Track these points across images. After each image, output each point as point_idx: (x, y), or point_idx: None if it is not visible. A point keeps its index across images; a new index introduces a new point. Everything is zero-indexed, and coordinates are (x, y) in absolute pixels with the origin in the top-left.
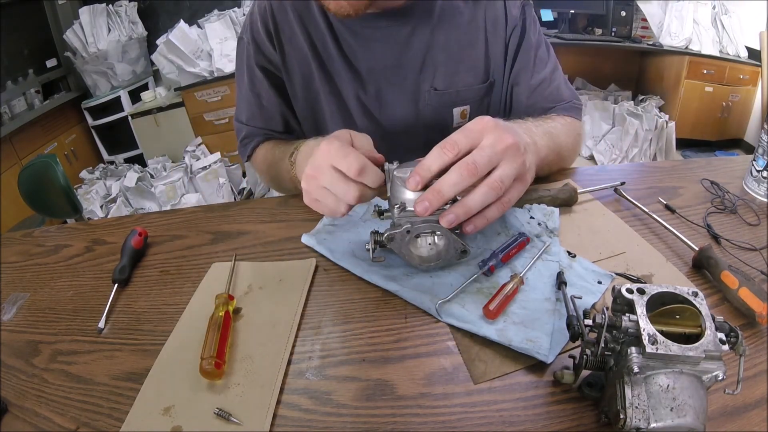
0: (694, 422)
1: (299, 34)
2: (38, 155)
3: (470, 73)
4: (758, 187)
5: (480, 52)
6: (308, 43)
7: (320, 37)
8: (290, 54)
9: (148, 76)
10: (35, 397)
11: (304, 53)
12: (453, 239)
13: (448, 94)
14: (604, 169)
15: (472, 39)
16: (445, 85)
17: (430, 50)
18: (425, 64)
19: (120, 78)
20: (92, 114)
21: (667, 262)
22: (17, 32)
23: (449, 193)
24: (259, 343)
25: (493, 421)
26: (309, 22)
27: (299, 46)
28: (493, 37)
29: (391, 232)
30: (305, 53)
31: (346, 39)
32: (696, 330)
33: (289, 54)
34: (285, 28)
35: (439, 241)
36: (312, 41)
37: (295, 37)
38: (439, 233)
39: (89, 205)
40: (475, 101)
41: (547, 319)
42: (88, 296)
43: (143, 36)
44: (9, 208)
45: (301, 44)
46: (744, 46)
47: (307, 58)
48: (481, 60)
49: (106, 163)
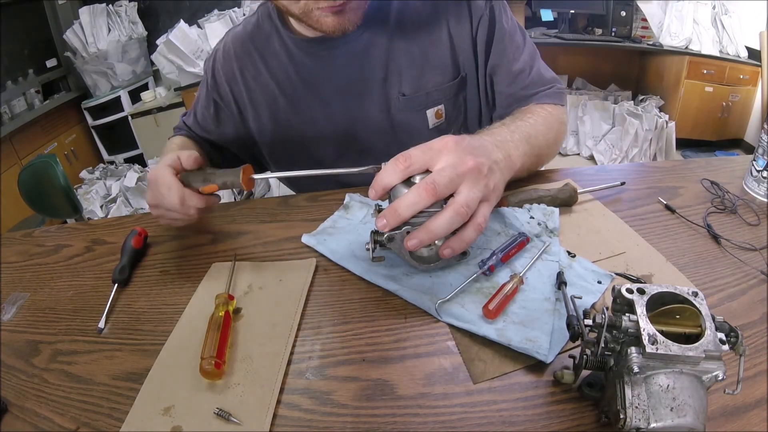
0: (694, 422)
1: (263, 71)
2: (38, 155)
3: (437, 72)
4: (758, 187)
5: (444, 49)
6: (272, 77)
7: (282, 69)
8: (255, 90)
9: (148, 76)
10: (35, 397)
11: (270, 89)
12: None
13: (417, 98)
14: (604, 169)
15: (434, 38)
16: (412, 90)
17: (391, 57)
18: (389, 72)
19: (120, 78)
20: (92, 114)
21: (667, 262)
22: (17, 32)
23: (406, 213)
24: (259, 343)
25: (493, 421)
26: (271, 57)
27: (264, 82)
28: (457, 32)
29: (390, 232)
30: (271, 88)
31: (307, 65)
32: (696, 330)
33: (254, 90)
34: (249, 68)
35: (438, 242)
36: (276, 75)
37: (259, 75)
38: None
39: (89, 205)
40: (449, 99)
41: (546, 319)
42: (88, 296)
43: (143, 36)
44: (9, 208)
45: (266, 80)
46: (744, 46)
47: (274, 92)
48: (447, 57)
49: (106, 163)
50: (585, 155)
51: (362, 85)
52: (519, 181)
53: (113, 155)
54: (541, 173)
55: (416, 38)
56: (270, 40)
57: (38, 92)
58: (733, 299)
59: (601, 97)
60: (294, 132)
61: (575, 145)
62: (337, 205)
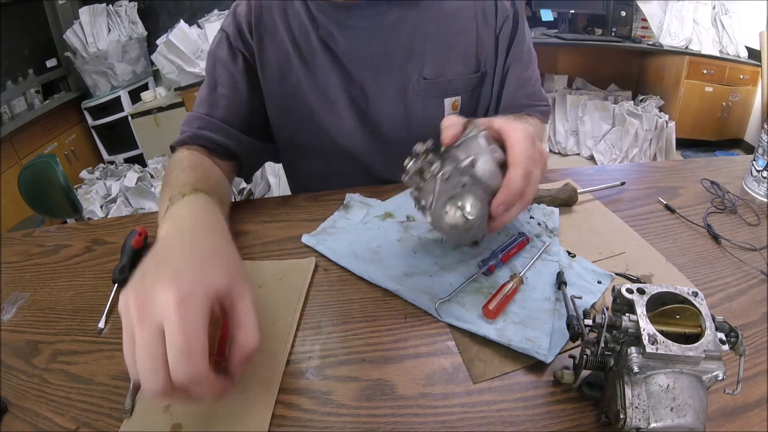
0: (694, 422)
1: (282, 29)
2: (38, 155)
3: (461, 61)
4: (758, 187)
5: (471, 40)
6: (290, 37)
7: (303, 30)
8: (268, 48)
9: (148, 76)
10: (35, 397)
11: (284, 48)
12: (484, 217)
13: (438, 84)
14: (604, 169)
15: (462, 27)
16: (434, 74)
17: (418, 37)
18: (413, 52)
19: (120, 78)
20: (92, 114)
21: (667, 262)
22: (17, 32)
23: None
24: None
25: (493, 421)
26: (291, 16)
27: (279, 41)
28: (483, 27)
29: (450, 166)
30: (285, 48)
31: (330, 30)
32: (696, 330)
33: (267, 48)
34: (267, 23)
35: (473, 209)
36: (294, 35)
37: (277, 32)
38: (478, 203)
39: (89, 205)
40: (467, 92)
41: (546, 319)
42: (88, 296)
43: (143, 36)
44: (9, 208)
45: (282, 38)
46: (744, 46)
47: (288, 53)
48: (472, 48)
49: (106, 163)
50: (585, 155)
51: (383, 60)
52: None
53: (113, 155)
54: None
55: (445, 24)
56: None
57: (38, 92)
58: (733, 299)
59: (601, 97)
60: (304, 96)
61: (575, 145)
62: (337, 205)
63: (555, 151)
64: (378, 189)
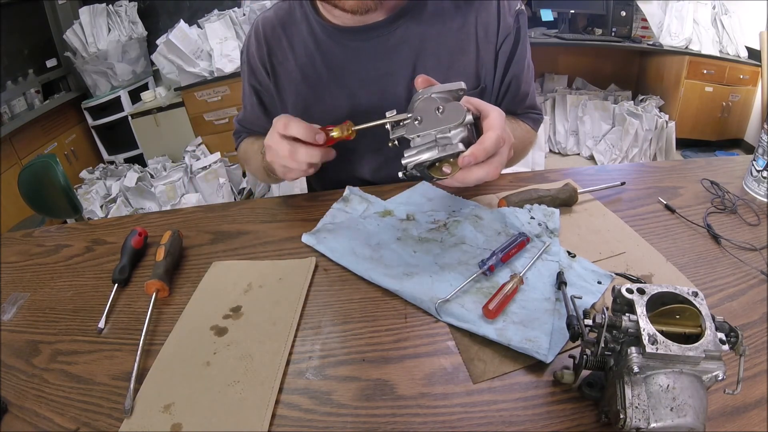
0: (694, 422)
1: (290, 57)
2: (38, 155)
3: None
4: (758, 187)
5: (471, 58)
6: (297, 65)
7: (309, 55)
8: (282, 76)
9: (148, 76)
10: (35, 397)
11: (294, 76)
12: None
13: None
14: (604, 169)
15: (463, 45)
16: None
17: (420, 57)
18: (416, 72)
19: (120, 78)
20: (92, 114)
21: (667, 262)
22: (17, 32)
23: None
24: (259, 341)
25: (493, 421)
26: (298, 43)
27: (290, 69)
28: (484, 44)
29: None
30: (296, 76)
31: (335, 54)
32: (696, 330)
33: (281, 76)
34: (278, 53)
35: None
36: (301, 63)
37: (286, 61)
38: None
39: (89, 205)
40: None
41: (546, 319)
42: (88, 296)
43: (143, 36)
44: (9, 208)
45: (292, 67)
46: (744, 46)
47: (298, 80)
48: (472, 66)
49: (106, 163)
50: (585, 155)
51: (388, 80)
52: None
53: (113, 155)
54: (541, 173)
55: (446, 44)
56: (299, 26)
57: (38, 92)
58: (733, 299)
59: (601, 97)
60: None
61: (575, 145)
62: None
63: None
64: (378, 189)
